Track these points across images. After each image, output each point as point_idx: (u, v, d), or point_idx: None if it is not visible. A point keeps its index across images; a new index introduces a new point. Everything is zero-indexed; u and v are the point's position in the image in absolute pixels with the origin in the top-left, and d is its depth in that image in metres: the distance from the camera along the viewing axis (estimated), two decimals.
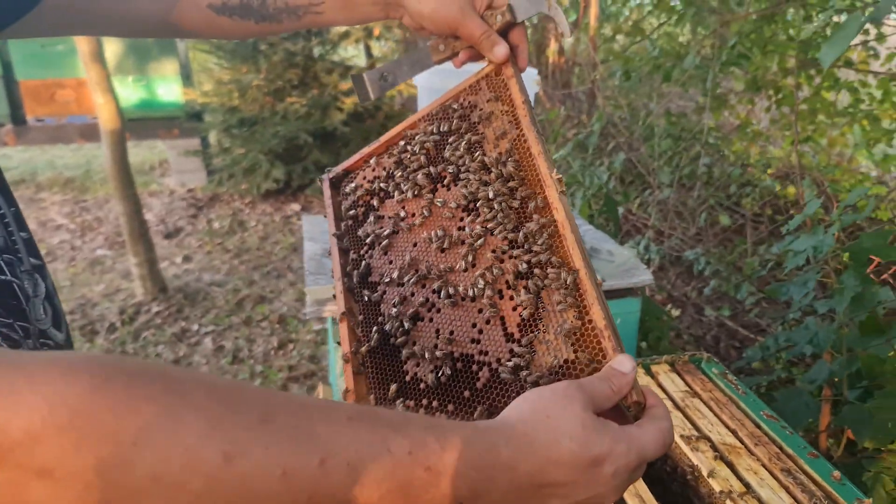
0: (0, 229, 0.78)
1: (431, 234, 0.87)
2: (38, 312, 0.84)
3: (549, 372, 0.71)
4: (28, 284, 0.84)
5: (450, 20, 0.90)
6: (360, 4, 0.97)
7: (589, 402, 0.59)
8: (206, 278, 4.83)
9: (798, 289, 1.87)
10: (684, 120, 4.88)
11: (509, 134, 0.89)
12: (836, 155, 5.23)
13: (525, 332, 0.75)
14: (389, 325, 0.84)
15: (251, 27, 1.00)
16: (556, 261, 0.78)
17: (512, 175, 0.85)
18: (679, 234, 3.66)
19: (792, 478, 1.12)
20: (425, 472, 0.49)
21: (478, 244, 0.83)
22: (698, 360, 1.47)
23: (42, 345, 0.81)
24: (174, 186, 6.75)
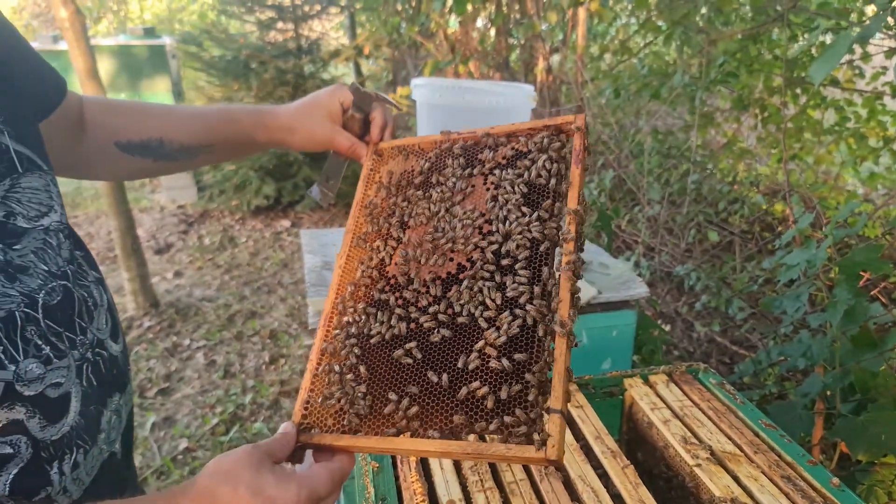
0: (67, 242, 0.84)
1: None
2: (101, 322, 0.87)
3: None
4: (96, 293, 0.88)
5: (323, 143, 1.11)
6: (247, 147, 1.16)
7: (264, 456, 0.75)
8: (197, 293, 4.81)
9: (791, 302, 1.90)
10: (671, 138, 4.95)
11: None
12: (822, 173, 5.32)
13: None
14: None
15: (148, 165, 1.10)
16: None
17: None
18: (669, 250, 3.69)
19: (792, 484, 1.13)
20: None
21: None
22: (695, 370, 1.48)
23: (96, 355, 0.85)
24: (164, 202, 6.73)
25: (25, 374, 0.73)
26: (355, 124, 1.12)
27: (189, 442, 3.22)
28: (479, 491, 1.13)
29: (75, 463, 0.79)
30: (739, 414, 1.33)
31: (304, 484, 0.74)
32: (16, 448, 0.72)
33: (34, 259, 0.78)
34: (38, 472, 0.74)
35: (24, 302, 0.74)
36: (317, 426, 0.86)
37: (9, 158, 0.77)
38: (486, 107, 1.69)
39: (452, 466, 1.19)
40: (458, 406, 0.79)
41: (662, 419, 1.31)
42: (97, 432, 0.84)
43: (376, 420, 0.83)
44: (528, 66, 6.56)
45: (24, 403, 0.72)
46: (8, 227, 0.76)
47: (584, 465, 1.19)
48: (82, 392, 0.81)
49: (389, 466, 1.19)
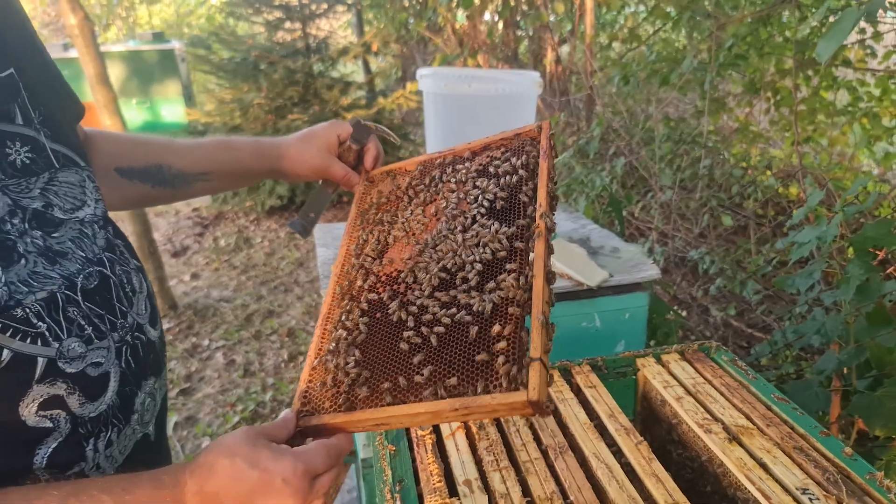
0: (101, 232, 0.89)
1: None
2: (140, 307, 0.92)
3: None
4: (136, 280, 0.93)
5: (319, 171, 1.19)
6: (244, 176, 1.22)
7: (260, 433, 0.80)
8: (214, 295, 4.87)
9: (804, 280, 1.90)
10: (683, 124, 4.92)
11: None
12: (836, 154, 5.26)
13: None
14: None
15: (148, 191, 1.14)
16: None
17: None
18: (682, 235, 3.68)
19: (805, 455, 1.13)
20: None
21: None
22: (707, 348, 1.49)
23: (135, 339, 0.89)
24: (179, 206, 6.81)
25: (68, 352, 0.77)
26: (350, 155, 1.21)
27: (212, 440, 3.27)
28: (494, 471, 1.15)
29: (109, 441, 0.83)
30: (752, 389, 1.34)
31: (299, 458, 0.77)
32: (55, 423, 0.76)
33: (72, 246, 0.83)
34: (74, 447, 0.79)
35: (64, 284, 0.79)
36: (315, 413, 0.90)
37: (46, 156, 0.83)
38: (492, 94, 1.71)
39: (468, 447, 1.22)
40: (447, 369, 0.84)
41: (675, 396, 1.33)
42: (131, 413, 0.88)
43: (369, 397, 0.88)
44: (536, 57, 6.55)
45: (66, 380, 0.77)
46: (47, 217, 0.81)
47: (598, 443, 1.20)
48: (120, 373, 0.85)
49: (406, 449, 1.22)
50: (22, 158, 0.80)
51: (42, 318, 0.75)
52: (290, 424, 0.87)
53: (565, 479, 1.12)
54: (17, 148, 0.80)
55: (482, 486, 1.11)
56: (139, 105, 6.59)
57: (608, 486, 1.10)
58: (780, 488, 1.07)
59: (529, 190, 0.98)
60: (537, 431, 1.26)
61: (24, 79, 0.83)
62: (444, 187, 1.08)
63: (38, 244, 0.79)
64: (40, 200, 0.81)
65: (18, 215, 0.78)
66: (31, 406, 0.74)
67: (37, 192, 0.81)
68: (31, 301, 0.75)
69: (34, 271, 0.76)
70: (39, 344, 0.75)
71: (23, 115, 0.81)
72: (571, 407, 1.31)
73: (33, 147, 0.82)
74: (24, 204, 0.79)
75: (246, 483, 0.74)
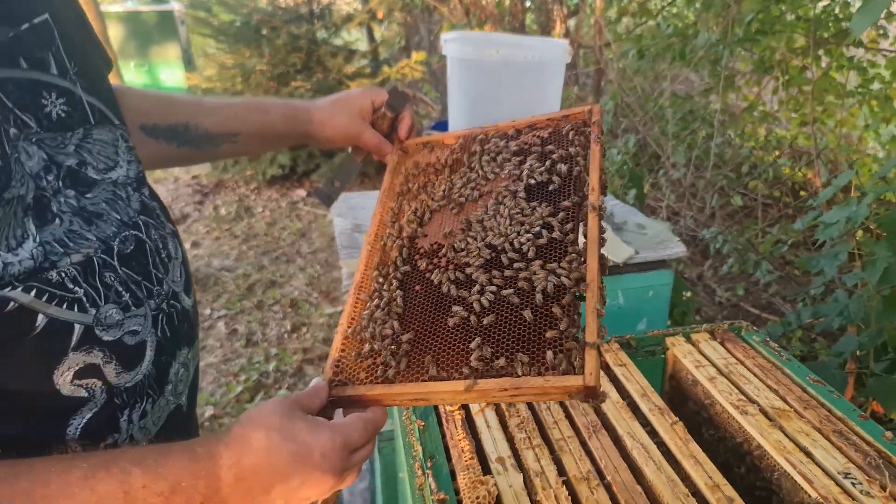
0: (136, 195, 0.85)
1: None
2: (175, 274, 0.89)
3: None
4: (171, 246, 0.89)
5: (351, 137, 1.14)
6: (273, 139, 1.17)
7: (294, 405, 0.76)
8: (215, 264, 4.82)
9: (829, 261, 1.87)
10: (691, 102, 4.85)
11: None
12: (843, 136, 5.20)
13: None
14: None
15: (173, 151, 1.09)
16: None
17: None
18: (693, 214, 3.64)
19: (845, 439, 1.11)
20: (157, 498, 0.65)
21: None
22: (738, 328, 1.46)
23: (171, 307, 0.85)
24: (179, 173, 6.72)
25: (105, 319, 0.74)
26: (384, 123, 1.16)
27: (215, 409, 3.25)
28: (527, 448, 1.12)
29: (143, 412, 0.80)
30: (786, 371, 1.31)
31: (338, 431, 0.74)
32: (91, 392, 0.73)
33: (106, 208, 0.79)
34: (109, 418, 0.75)
35: (100, 247, 0.75)
36: (349, 382, 0.86)
37: (82, 109, 0.79)
38: (520, 61, 1.64)
39: (498, 423, 1.19)
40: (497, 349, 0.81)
41: (708, 377, 1.30)
42: (165, 383, 0.84)
43: (409, 370, 0.84)
44: (544, 29, 6.43)
45: (102, 348, 0.73)
46: (80, 176, 0.77)
47: (631, 423, 1.18)
48: (156, 342, 0.81)
49: (435, 425, 1.18)
50: (58, 111, 0.75)
51: (78, 282, 0.71)
52: (323, 393, 0.84)
53: (600, 458, 1.10)
54: (53, 99, 0.75)
55: (515, 464, 1.08)
56: (137, 68, 6.44)
57: (645, 467, 1.07)
58: (822, 472, 1.05)
59: (580, 173, 0.95)
60: (569, 409, 1.23)
61: (60, 25, 0.78)
62: (488, 164, 1.04)
63: (73, 204, 0.74)
64: (75, 158, 0.77)
65: (53, 172, 0.73)
66: (66, 375, 0.70)
67: (72, 149, 0.77)
68: (66, 264, 0.71)
69: (71, 230, 0.73)
70: (76, 310, 0.71)
71: (58, 64, 0.76)
72: (602, 385, 1.28)
73: (69, 100, 0.77)
74: (59, 160, 0.74)
75: (283, 456, 0.71)
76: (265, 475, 0.71)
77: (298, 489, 0.72)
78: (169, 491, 0.66)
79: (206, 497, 0.68)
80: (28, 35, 0.73)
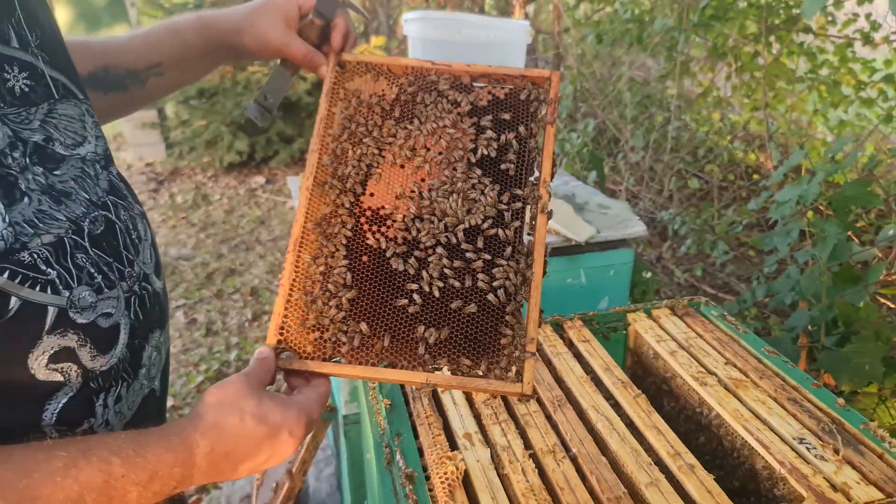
0: (104, 174, 0.82)
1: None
2: (146, 256, 0.86)
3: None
4: (141, 227, 0.86)
5: (275, 48, 1.00)
6: (197, 59, 1.06)
7: (256, 383, 0.77)
8: (172, 252, 4.70)
9: (781, 239, 1.92)
10: (648, 87, 4.92)
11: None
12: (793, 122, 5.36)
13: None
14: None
15: (104, 101, 1.01)
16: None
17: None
18: (652, 196, 3.71)
19: (799, 406, 1.15)
20: (136, 486, 0.66)
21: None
22: (697, 304, 1.49)
23: (142, 289, 0.83)
24: (131, 160, 6.51)
25: (79, 301, 0.71)
26: (313, 32, 1.01)
27: (175, 400, 3.19)
28: (494, 423, 1.13)
29: (118, 396, 0.79)
30: (742, 343, 1.35)
31: (303, 409, 0.78)
32: (66, 376, 0.71)
33: (75, 186, 0.76)
34: (84, 402, 0.74)
35: (71, 228, 0.72)
36: (294, 351, 0.86)
37: (45, 84, 0.76)
38: (482, 41, 1.64)
39: (465, 401, 1.19)
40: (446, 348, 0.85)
41: (669, 350, 1.33)
42: (139, 367, 0.83)
43: (360, 351, 0.85)
44: (503, 13, 6.43)
45: (77, 331, 0.71)
46: (48, 152, 0.74)
47: (595, 396, 1.20)
48: (130, 324, 0.79)
49: (402, 403, 1.18)
50: (21, 86, 0.72)
51: (51, 264, 0.69)
52: (271, 365, 0.83)
53: (566, 431, 1.11)
54: (16, 73, 0.72)
55: (482, 440, 1.09)
56: None
57: (609, 438, 1.09)
58: (778, 438, 1.08)
59: (533, 154, 0.94)
60: (535, 385, 1.24)
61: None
62: (439, 117, 0.97)
63: (41, 181, 0.71)
64: (41, 133, 0.74)
65: (19, 148, 0.70)
66: (41, 359, 0.68)
67: (37, 124, 0.74)
68: (37, 245, 0.68)
69: (40, 210, 0.70)
70: (49, 292, 0.68)
71: (18, 36, 0.73)
72: (566, 361, 1.30)
73: (31, 74, 0.74)
74: (24, 136, 0.71)
75: (255, 439, 0.74)
76: (236, 456, 0.73)
77: (264, 462, 0.77)
78: (147, 479, 0.67)
79: (180, 482, 0.70)
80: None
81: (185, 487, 0.73)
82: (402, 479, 1.00)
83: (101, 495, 0.64)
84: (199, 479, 0.72)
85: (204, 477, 0.72)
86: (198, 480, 0.72)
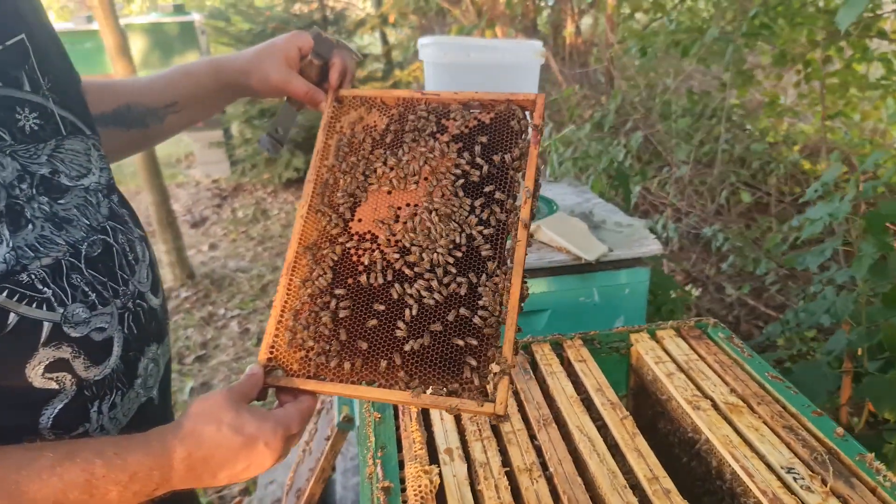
0: (105, 201, 0.91)
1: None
2: (142, 275, 0.94)
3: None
4: (139, 249, 0.94)
5: (278, 86, 1.07)
6: (208, 98, 1.14)
7: (238, 396, 0.82)
8: (231, 265, 4.93)
9: (815, 258, 1.85)
10: (707, 98, 4.79)
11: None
12: (869, 130, 5.07)
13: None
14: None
15: (123, 136, 1.10)
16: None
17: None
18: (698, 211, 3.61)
19: (794, 434, 1.11)
20: (116, 486, 0.73)
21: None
22: (704, 325, 1.46)
23: (137, 306, 0.91)
24: (199, 177, 6.87)
25: (72, 317, 0.79)
26: (313, 71, 1.08)
27: None
28: (476, 440, 1.15)
29: (113, 403, 0.86)
30: (746, 367, 1.31)
31: (280, 422, 0.82)
32: (61, 385, 0.79)
33: (77, 213, 0.85)
34: (79, 409, 0.81)
35: (69, 251, 0.81)
36: (282, 369, 0.91)
37: (54, 122, 0.85)
38: (492, 63, 1.67)
39: (452, 417, 1.22)
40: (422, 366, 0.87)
41: (666, 372, 1.31)
42: (134, 377, 0.90)
43: (339, 370, 0.88)
44: (556, 28, 6.42)
45: (71, 344, 0.79)
46: (53, 183, 0.83)
47: (582, 416, 1.20)
48: (123, 338, 0.87)
49: (391, 417, 1.22)
50: (31, 124, 0.81)
51: (47, 283, 0.77)
52: (259, 381, 0.88)
53: (547, 450, 1.12)
54: (27, 114, 0.81)
55: (462, 455, 1.11)
56: None
57: (589, 459, 1.09)
58: (765, 466, 1.05)
59: (517, 175, 0.96)
60: (523, 403, 1.25)
61: (35, 43, 0.84)
62: (425, 144, 1.01)
63: (45, 210, 0.80)
64: (47, 167, 0.83)
65: (27, 180, 0.79)
66: (37, 368, 0.76)
67: (44, 159, 0.82)
68: (36, 267, 0.76)
69: (42, 235, 0.78)
70: (45, 309, 0.76)
71: (30, 81, 0.82)
72: (560, 380, 1.30)
73: (41, 113, 0.83)
74: (32, 169, 0.80)
75: (231, 448, 0.78)
76: (213, 463, 0.78)
77: (242, 472, 0.81)
78: (127, 480, 0.73)
79: (159, 484, 0.76)
80: (3, 55, 0.79)
81: (166, 490, 0.78)
82: (378, 491, 1.03)
83: (84, 493, 0.71)
84: (177, 482, 0.78)
85: (182, 481, 0.78)
86: (177, 484, 0.78)
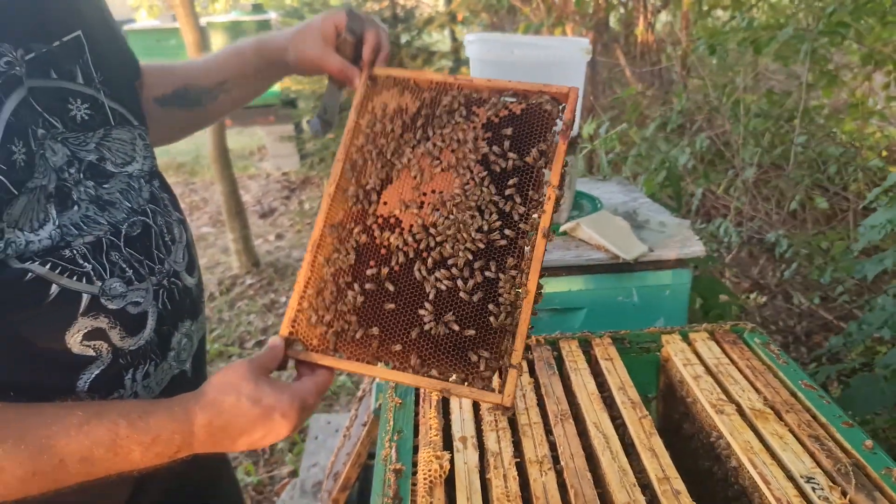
0: (147, 186, 1.00)
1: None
2: (178, 256, 1.04)
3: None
4: (176, 231, 1.03)
5: (315, 63, 1.09)
6: (255, 76, 1.19)
7: (260, 369, 0.86)
8: (295, 255, 5.11)
9: (873, 266, 1.75)
10: (786, 98, 4.57)
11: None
12: None
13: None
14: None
15: (183, 116, 1.17)
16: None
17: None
18: (762, 216, 3.46)
19: (819, 444, 1.07)
20: (139, 446, 0.78)
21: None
22: (741, 329, 1.42)
23: (172, 284, 0.99)
24: (270, 170, 7.15)
25: (110, 291, 0.88)
26: (348, 48, 1.08)
27: None
28: (491, 430, 1.17)
29: (147, 373, 0.94)
30: (779, 374, 1.27)
31: (296, 394, 0.86)
32: (98, 352, 0.87)
33: (120, 197, 0.93)
34: (114, 376, 0.89)
35: (110, 231, 0.89)
36: (302, 343, 0.95)
37: (104, 113, 0.93)
38: (536, 61, 1.68)
39: (471, 406, 1.24)
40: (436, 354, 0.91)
41: (693, 375, 1.28)
42: (168, 350, 0.98)
43: (358, 349, 0.92)
44: (628, 26, 6.29)
45: (108, 315, 0.87)
46: (100, 168, 0.92)
47: (601, 413, 1.20)
48: (157, 313, 0.95)
49: (412, 403, 1.26)
50: (82, 114, 0.90)
51: (88, 259, 0.86)
52: (279, 354, 0.93)
53: (560, 444, 1.13)
54: (78, 104, 0.90)
55: (476, 444, 1.14)
56: None
57: (601, 456, 1.09)
58: (783, 474, 1.02)
59: (544, 167, 0.96)
60: (543, 398, 1.26)
61: (91, 39, 0.93)
62: (455, 133, 1.00)
63: (91, 193, 0.89)
64: (95, 154, 0.91)
65: (75, 165, 0.88)
66: (76, 336, 0.85)
67: (92, 146, 0.91)
68: (79, 244, 0.85)
69: (86, 216, 0.87)
70: (84, 282, 0.85)
71: (84, 74, 0.91)
72: (582, 377, 1.30)
73: (92, 105, 0.91)
74: (81, 156, 0.89)
75: (249, 418, 0.83)
76: (232, 431, 0.84)
77: (260, 440, 0.86)
78: (150, 441, 0.79)
79: (180, 447, 0.82)
80: (60, 50, 0.88)
81: (187, 453, 0.84)
82: (389, 472, 1.07)
83: (108, 451, 0.78)
84: (198, 447, 0.83)
85: (203, 446, 0.84)
86: (198, 448, 0.84)
